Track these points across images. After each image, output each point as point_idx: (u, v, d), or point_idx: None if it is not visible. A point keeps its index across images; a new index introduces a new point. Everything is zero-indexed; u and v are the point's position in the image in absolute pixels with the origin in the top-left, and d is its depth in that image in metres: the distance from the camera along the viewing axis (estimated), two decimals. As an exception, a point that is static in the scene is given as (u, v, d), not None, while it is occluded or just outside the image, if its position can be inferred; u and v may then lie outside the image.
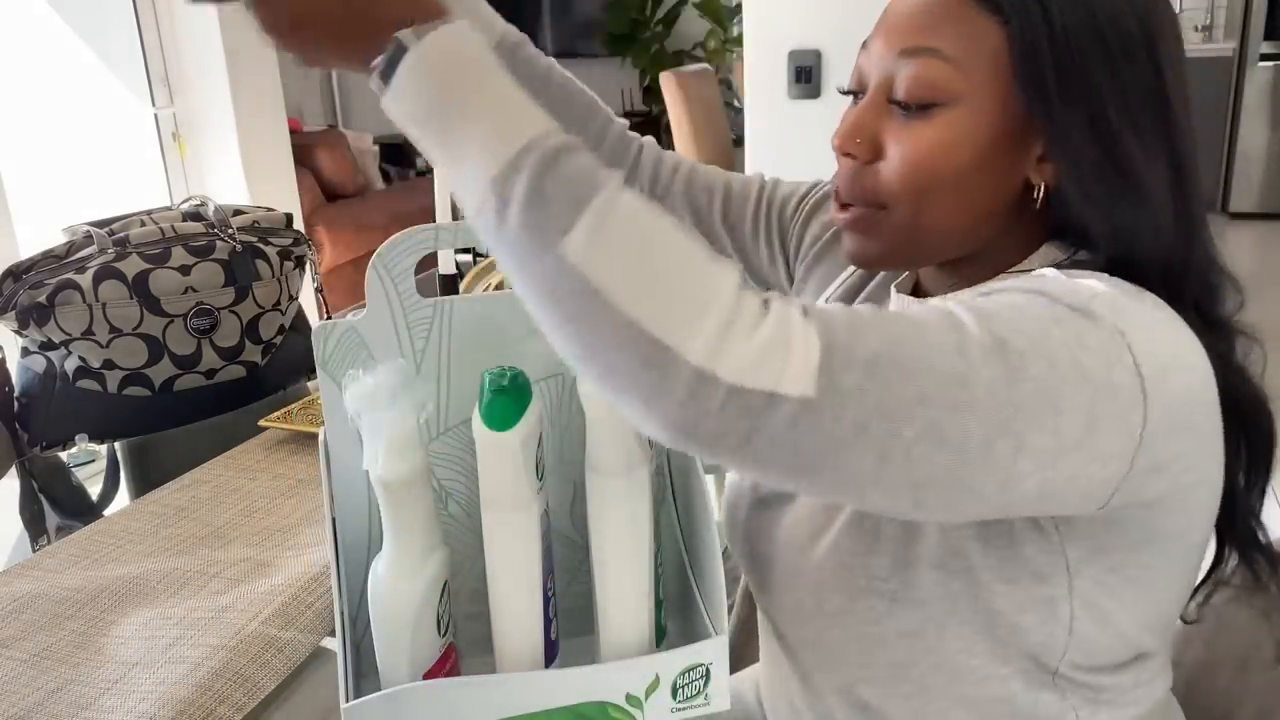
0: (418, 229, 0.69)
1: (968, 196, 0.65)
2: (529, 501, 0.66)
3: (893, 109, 0.65)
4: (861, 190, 0.67)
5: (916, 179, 0.64)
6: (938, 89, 0.63)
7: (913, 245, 0.68)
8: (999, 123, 0.63)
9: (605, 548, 0.69)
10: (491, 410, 0.64)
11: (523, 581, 0.68)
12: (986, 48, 0.62)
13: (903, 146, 0.65)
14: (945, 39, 0.63)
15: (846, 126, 0.67)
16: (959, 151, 0.63)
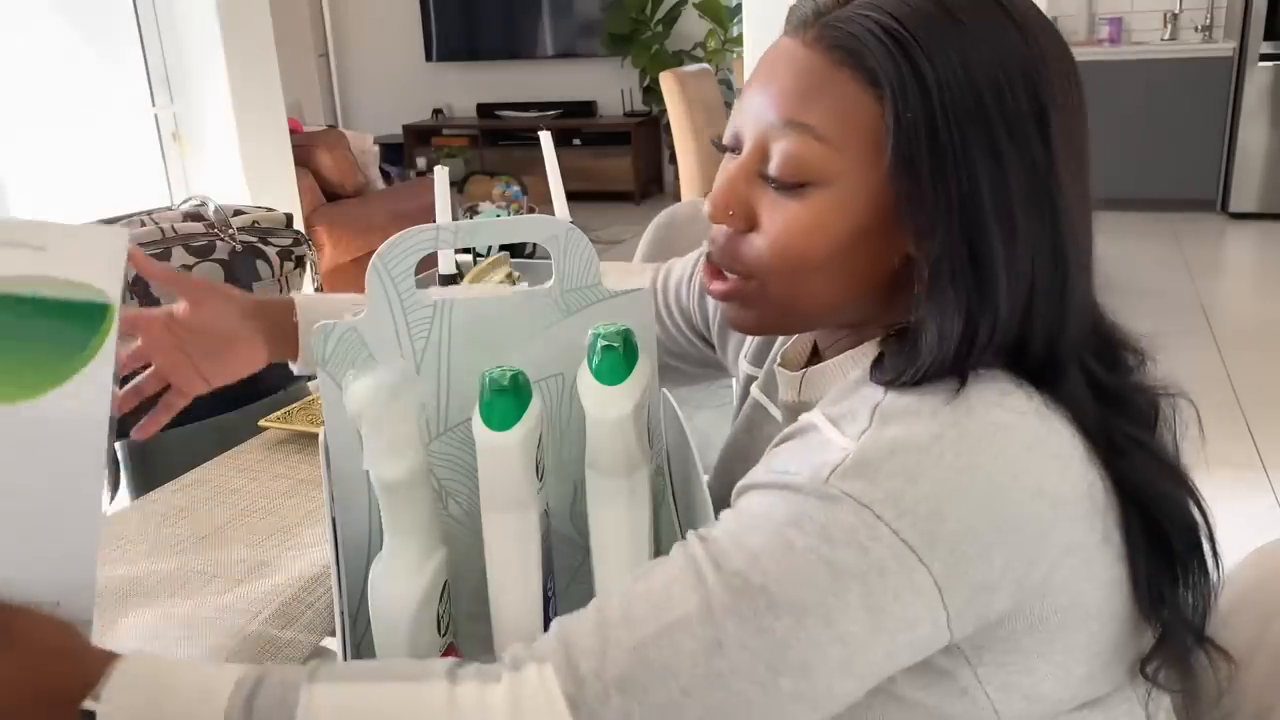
0: (418, 229, 0.69)
1: (843, 274, 0.62)
2: (529, 501, 0.66)
3: (765, 182, 0.63)
4: (733, 260, 0.65)
5: (787, 259, 0.62)
6: (811, 169, 0.60)
7: (787, 318, 0.67)
8: (876, 200, 0.60)
9: (606, 549, 0.69)
10: (491, 410, 0.64)
11: (522, 581, 0.68)
12: (863, 123, 0.58)
13: (774, 224, 0.62)
14: (821, 114, 0.59)
15: (718, 194, 0.65)
16: (831, 232, 0.61)
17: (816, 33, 0.60)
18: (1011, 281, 0.58)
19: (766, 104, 0.62)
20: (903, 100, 0.57)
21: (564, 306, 0.74)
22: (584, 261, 0.73)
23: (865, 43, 0.58)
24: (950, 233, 0.58)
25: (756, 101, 0.63)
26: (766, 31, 2.70)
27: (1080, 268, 0.61)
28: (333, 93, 7.00)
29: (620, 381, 0.65)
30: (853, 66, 0.58)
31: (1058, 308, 0.60)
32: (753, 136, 0.63)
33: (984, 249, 0.58)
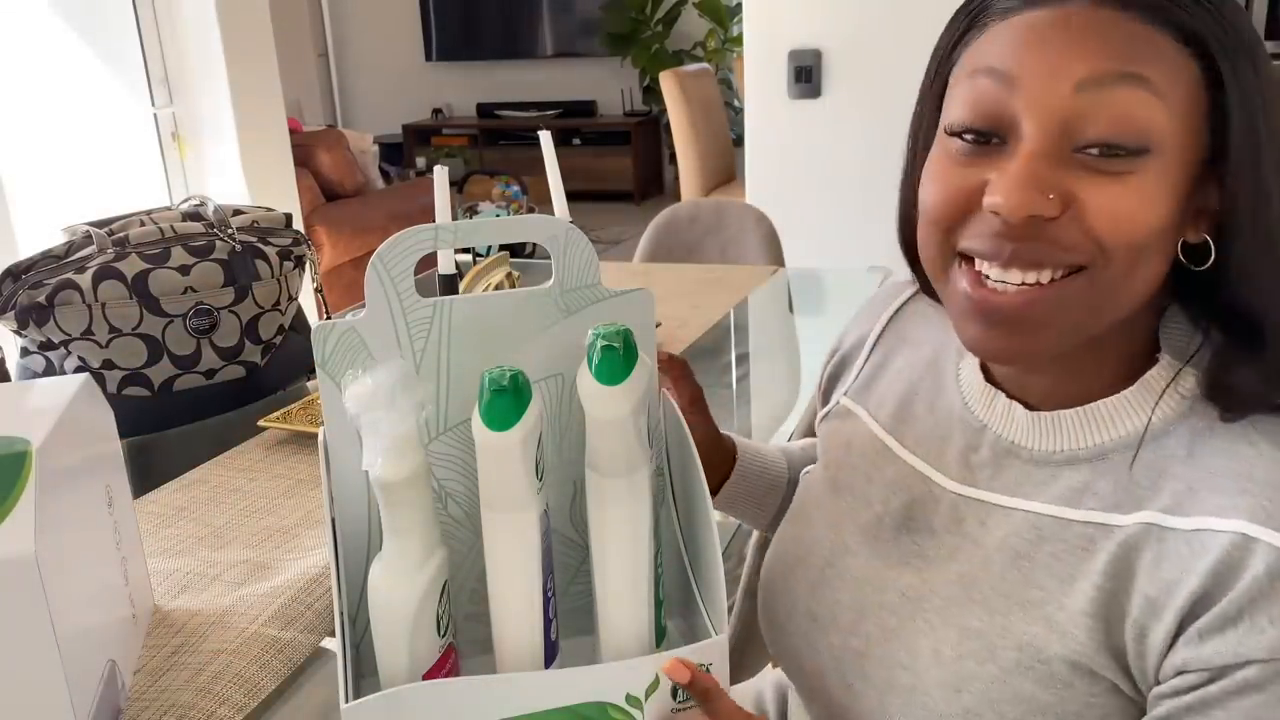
0: (418, 229, 0.69)
1: (1156, 263, 0.56)
2: (529, 501, 0.66)
3: (1081, 157, 0.54)
4: (1053, 247, 0.55)
5: (1133, 235, 0.54)
6: (1151, 130, 0.53)
7: (1089, 323, 0.57)
8: (1190, 172, 0.55)
9: (605, 548, 0.69)
10: (491, 410, 0.63)
11: (522, 581, 0.68)
12: (1187, 82, 0.53)
13: (1104, 200, 0.54)
14: (1154, 69, 0.53)
15: (1022, 180, 0.53)
16: (1160, 208, 0.54)
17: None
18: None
19: (1064, 66, 0.53)
20: (1222, 54, 0.53)
21: (564, 306, 0.73)
22: (584, 261, 0.72)
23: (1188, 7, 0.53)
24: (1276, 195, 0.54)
25: (1042, 68, 0.54)
26: (766, 31, 2.70)
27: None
28: (332, 93, 7.00)
29: (620, 381, 0.65)
30: (1163, 23, 0.53)
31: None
32: (1045, 109, 0.54)
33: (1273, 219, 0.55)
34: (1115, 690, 0.58)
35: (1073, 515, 0.60)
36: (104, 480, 0.77)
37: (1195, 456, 0.57)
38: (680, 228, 2.28)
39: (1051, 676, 0.58)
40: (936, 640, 0.63)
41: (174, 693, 0.75)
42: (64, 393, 0.72)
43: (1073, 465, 0.62)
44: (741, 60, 4.69)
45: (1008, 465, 0.64)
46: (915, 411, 0.72)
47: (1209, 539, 0.54)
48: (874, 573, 0.69)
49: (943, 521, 0.66)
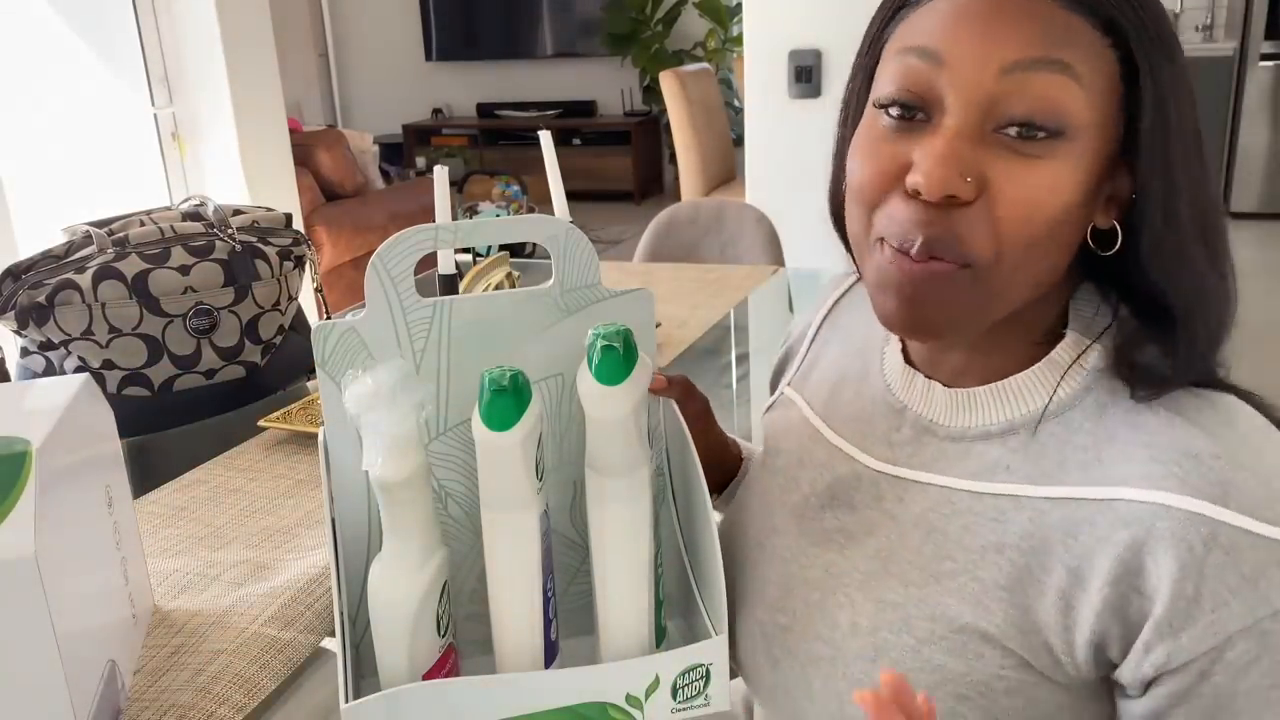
0: (418, 229, 0.69)
1: (1057, 249, 0.58)
2: (529, 501, 0.66)
3: (999, 137, 0.55)
4: (955, 242, 0.56)
5: (1030, 227, 0.55)
6: (1070, 114, 0.54)
7: (986, 313, 0.59)
8: (1103, 157, 0.56)
9: (605, 548, 0.69)
10: (491, 410, 0.63)
11: (522, 582, 0.68)
12: (1105, 73, 0.55)
13: (1015, 186, 0.55)
14: (1075, 54, 0.54)
15: (943, 158, 0.54)
16: (1066, 193, 0.55)
17: None
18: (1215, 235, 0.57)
19: (992, 49, 0.54)
20: (1140, 47, 0.55)
21: (564, 306, 0.73)
22: (584, 261, 0.72)
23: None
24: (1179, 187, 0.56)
25: (970, 50, 0.55)
26: (766, 31, 2.70)
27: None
28: (332, 92, 7.00)
29: (620, 381, 0.65)
30: (1088, 13, 0.54)
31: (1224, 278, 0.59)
32: (970, 89, 0.55)
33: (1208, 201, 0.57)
34: (1025, 665, 0.58)
35: (984, 489, 0.62)
36: (104, 480, 0.77)
37: (1101, 428, 0.59)
38: (680, 228, 2.28)
39: (963, 646, 0.59)
40: (855, 613, 0.65)
41: (174, 693, 0.75)
42: (64, 393, 0.72)
43: (985, 440, 0.63)
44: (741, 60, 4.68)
45: (926, 443, 0.66)
46: (844, 397, 0.74)
47: (1124, 509, 0.55)
48: (800, 550, 0.70)
49: (864, 499, 0.68)
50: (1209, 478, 0.54)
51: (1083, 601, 0.56)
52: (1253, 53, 4.91)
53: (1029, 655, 0.58)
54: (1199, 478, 0.54)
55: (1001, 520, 0.60)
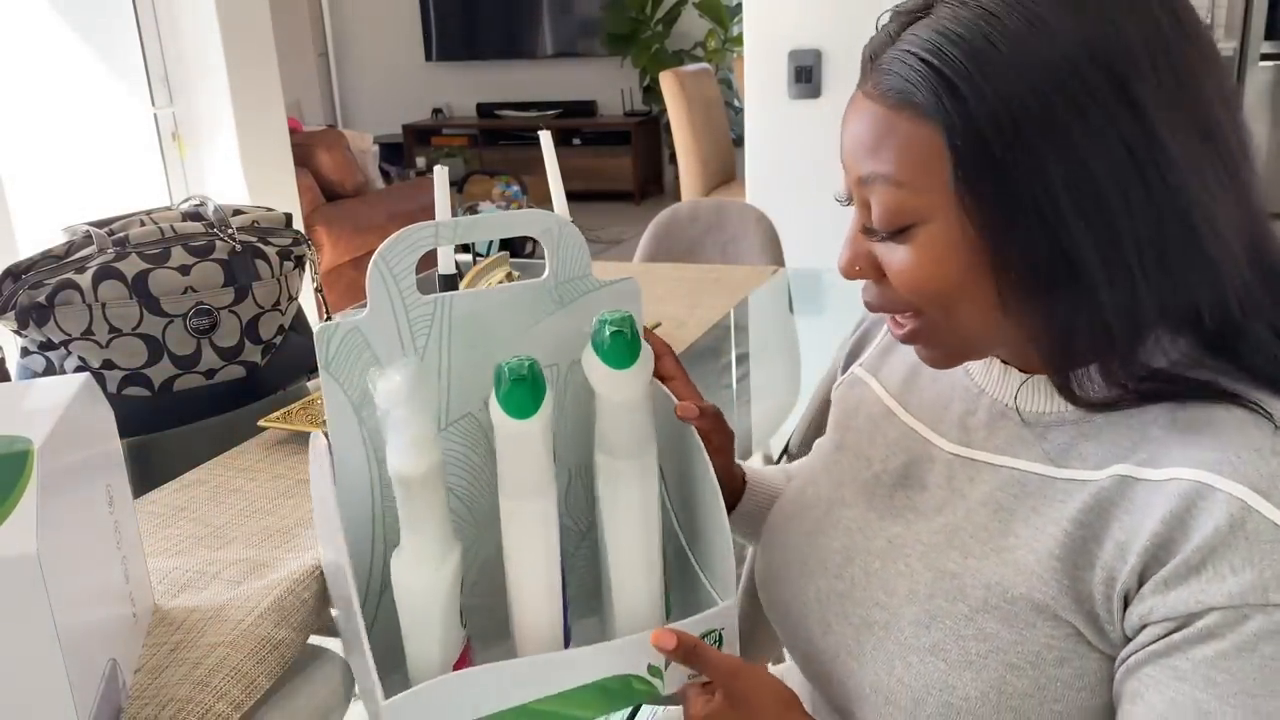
0: (418, 226, 0.69)
1: (985, 298, 0.61)
2: (549, 487, 0.68)
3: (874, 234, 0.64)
4: (888, 304, 0.66)
5: (923, 295, 0.62)
6: (902, 214, 0.60)
7: (969, 344, 0.65)
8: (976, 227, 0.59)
9: (620, 528, 0.71)
10: (511, 399, 0.65)
11: (544, 567, 0.69)
12: (932, 158, 0.58)
13: (894, 269, 0.63)
14: (892, 161, 0.60)
15: (844, 256, 0.66)
16: (948, 262, 0.60)
17: (874, 80, 0.61)
18: (1115, 270, 0.57)
19: (852, 161, 0.63)
20: (949, 127, 0.57)
21: (557, 298, 0.74)
22: (576, 254, 0.74)
23: (909, 79, 0.58)
24: (1031, 238, 0.57)
25: (846, 159, 0.64)
26: (766, 31, 2.70)
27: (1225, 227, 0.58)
28: (332, 93, 7.00)
29: (630, 365, 0.67)
30: (908, 106, 0.58)
31: (1204, 274, 0.58)
32: (854, 193, 0.65)
33: (1070, 246, 0.57)
34: (1077, 636, 0.60)
35: (1056, 473, 0.63)
36: (104, 480, 0.77)
37: (1177, 420, 0.60)
38: (680, 227, 2.28)
39: (1015, 616, 0.61)
40: (913, 581, 0.67)
41: (172, 687, 0.75)
42: (64, 392, 0.72)
43: (1060, 426, 0.65)
44: (741, 60, 4.68)
45: (1001, 427, 0.68)
46: (921, 382, 0.77)
47: (1173, 487, 0.57)
48: (866, 523, 0.73)
49: (936, 479, 0.70)
50: (1261, 470, 0.55)
51: (1122, 572, 0.58)
52: (1252, 53, 4.91)
53: (1079, 625, 0.60)
54: (1252, 468, 0.55)
55: (1067, 501, 0.62)
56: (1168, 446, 0.59)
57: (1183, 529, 0.55)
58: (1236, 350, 0.60)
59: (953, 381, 0.73)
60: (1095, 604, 0.59)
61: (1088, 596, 0.59)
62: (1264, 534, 0.53)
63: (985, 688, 0.61)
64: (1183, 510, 0.55)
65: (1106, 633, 0.59)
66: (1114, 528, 0.59)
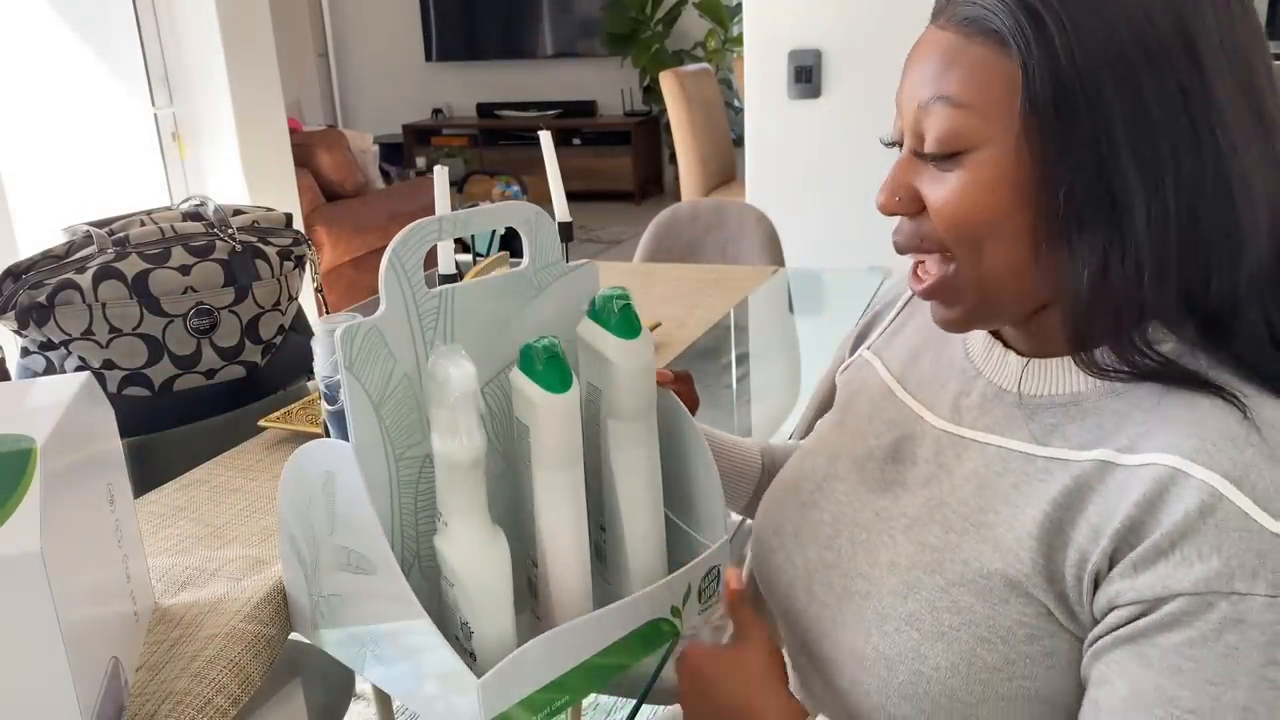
0: (424, 221, 0.70)
1: (1018, 237, 0.61)
2: (579, 456, 0.72)
3: (924, 161, 0.64)
4: (920, 242, 0.66)
5: (962, 229, 0.63)
6: (958, 137, 0.61)
7: (991, 301, 0.65)
8: (1025, 161, 0.60)
9: (630, 485, 0.75)
10: (549, 375, 0.68)
11: (577, 533, 0.73)
12: (999, 86, 0.60)
13: (938, 199, 0.63)
14: (959, 83, 0.61)
15: (886, 184, 0.66)
16: (993, 193, 0.61)
17: (949, 13, 0.63)
18: (1154, 215, 0.58)
19: (913, 90, 0.64)
20: (1028, 52, 0.58)
21: (536, 285, 0.78)
22: (550, 240, 0.78)
23: (990, 7, 0.60)
24: (1083, 174, 0.58)
25: (904, 93, 0.65)
26: (766, 31, 2.70)
27: (1260, 198, 0.59)
28: (333, 93, 7.00)
29: (639, 334, 0.72)
30: (982, 34, 0.60)
31: (1229, 239, 0.59)
32: (908, 125, 0.65)
33: (1119, 187, 0.58)
34: (1048, 614, 0.61)
35: (1039, 451, 0.65)
36: (105, 479, 0.77)
37: (1161, 407, 0.61)
38: (680, 227, 2.28)
39: (989, 591, 0.63)
40: (895, 553, 0.69)
41: (170, 681, 0.75)
42: (65, 392, 0.72)
43: (1049, 408, 0.66)
44: (741, 60, 4.69)
45: (993, 407, 0.70)
46: (922, 363, 0.78)
47: (1149, 472, 0.58)
48: (855, 495, 0.75)
49: (925, 454, 0.72)
50: (1235, 459, 0.56)
51: (1094, 554, 0.59)
52: (1252, 53, 4.91)
53: (1050, 604, 0.61)
54: (1226, 456, 0.56)
55: (1048, 480, 0.63)
56: (1149, 432, 0.60)
57: (1154, 513, 0.56)
58: (1228, 337, 0.60)
59: (952, 362, 0.75)
60: (1066, 585, 0.60)
61: (1059, 577, 0.61)
62: (1233, 521, 0.54)
63: (955, 659, 0.63)
64: (1155, 495, 0.57)
65: (1076, 614, 0.61)
66: (1089, 510, 0.60)
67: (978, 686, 0.62)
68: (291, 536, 0.79)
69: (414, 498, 0.74)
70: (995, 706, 0.62)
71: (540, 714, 0.67)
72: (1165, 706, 0.55)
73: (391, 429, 0.72)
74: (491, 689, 0.64)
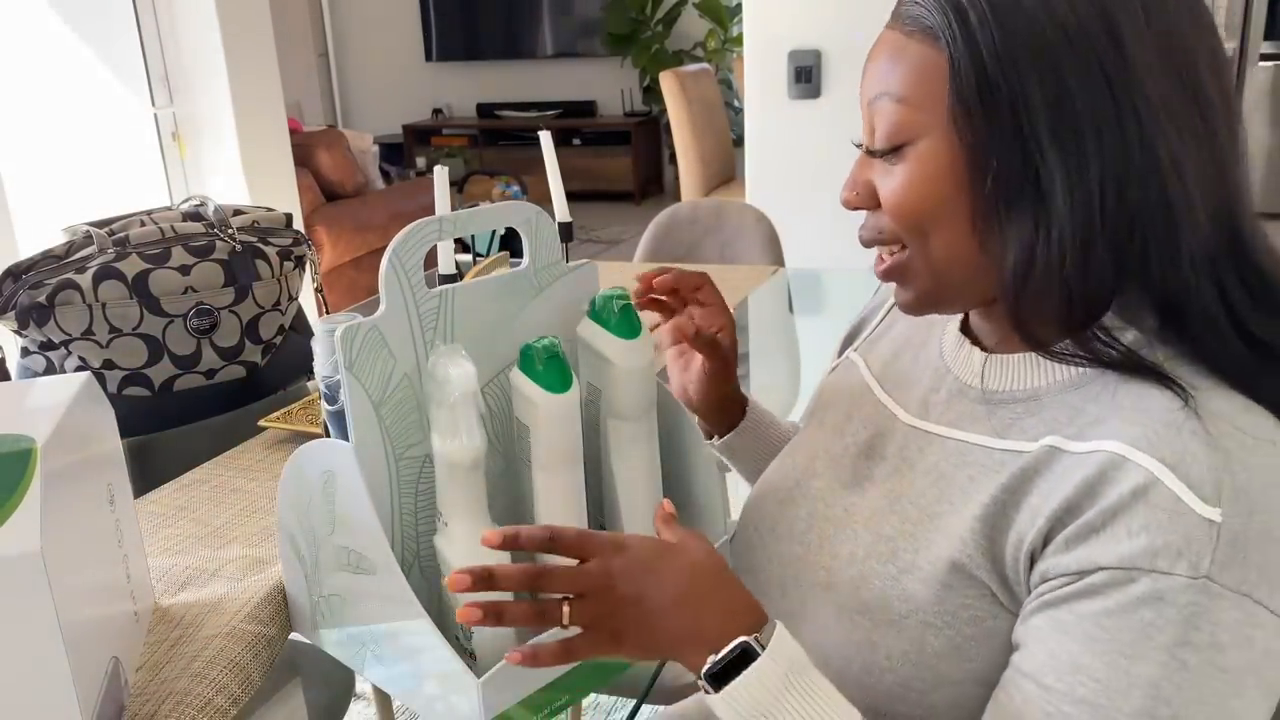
0: (423, 221, 0.70)
1: (960, 226, 0.64)
2: (579, 457, 0.72)
3: (875, 157, 0.67)
4: (879, 235, 0.69)
5: (908, 218, 0.66)
6: (899, 130, 0.64)
7: (942, 285, 0.67)
8: (963, 146, 0.62)
9: (630, 484, 0.76)
10: (549, 375, 0.68)
11: None
12: (933, 79, 0.63)
13: (885, 191, 0.66)
14: (898, 79, 0.64)
15: (846, 181, 0.70)
16: (933, 182, 0.64)
17: (897, 14, 0.66)
18: (1077, 196, 0.59)
19: (866, 89, 0.67)
20: (953, 44, 0.61)
21: (536, 285, 0.78)
22: (550, 241, 0.78)
23: (927, 6, 0.63)
24: (1008, 158, 0.60)
25: (862, 91, 0.68)
26: (766, 31, 2.70)
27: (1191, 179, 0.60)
28: (333, 93, 7.00)
29: (639, 334, 0.73)
30: (921, 31, 0.63)
31: (1161, 218, 0.60)
32: (865, 122, 0.68)
33: (1044, 170, 0.60)
34: (991, 596, 0.63)
35: (996, 444, 0.66)
36: (106, 479, 0.77)
37: (1115, 400, 0.62)
38: (680, 228, 2.28)
39: (934, 577, 0.65)
40: (855, 545, 0.71)
41: (171, 681, 0.75)
42: (66, 392, 0.72)
43: (1010, 403, 0.68)
44: (741, 60, 4.69)
45: (957, 403, 0.71)
46: (902, 363, 0.80)
47: (1092, 458, 0.59)
48: (829, 491, 0.77)
49: (892, 449, 0.74)
50: (1174, 445, 0.57)
51: (1030, 534, 0.61)
52: (1252, 53, 4.91)
53: (994, 586, 0.63)
54: (1165, 443, 0.57)
55: (1001, 470, 0.65)
56: (1099, 420, 0.61)
57: (1091, 494, 0.58)
58: (1185, 325, 0.61)
59: (928, 361, 0.77)
60: (1005, 565, 0.62)
61: (1000, 558, 0.62)
62: (1164, 503, 0.55)
63: (906, 646, 0.65)
64: (1096, 478, 0.58)
65: (1015, 593, 0.62)
66: (1033, 494, 0.62)
67: (929, 673, 0.64)
68: (291, 536, 0.79)
69: (414, 498, 0.74)
70: (947, 693, 0.64)
71: (540, 714, 0.67)
72: (1076, 674, 0.56)
73: (391, 429, 0.72)
74: (491, 689, 0.64)
